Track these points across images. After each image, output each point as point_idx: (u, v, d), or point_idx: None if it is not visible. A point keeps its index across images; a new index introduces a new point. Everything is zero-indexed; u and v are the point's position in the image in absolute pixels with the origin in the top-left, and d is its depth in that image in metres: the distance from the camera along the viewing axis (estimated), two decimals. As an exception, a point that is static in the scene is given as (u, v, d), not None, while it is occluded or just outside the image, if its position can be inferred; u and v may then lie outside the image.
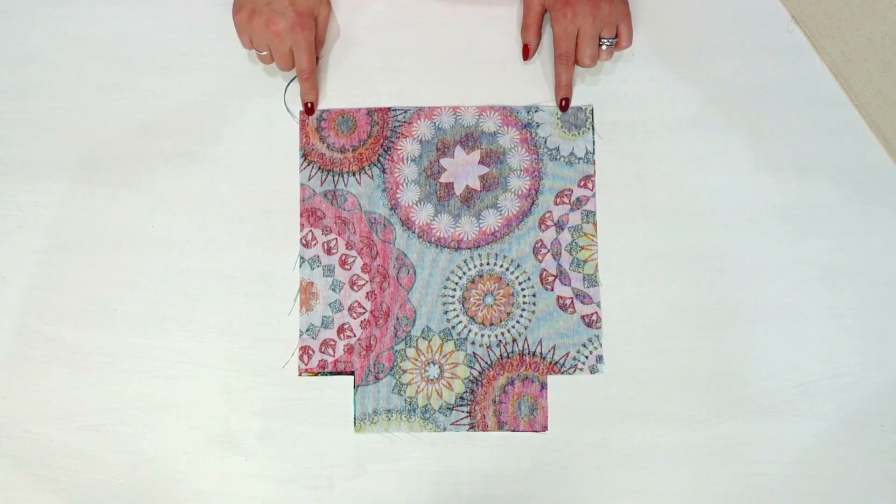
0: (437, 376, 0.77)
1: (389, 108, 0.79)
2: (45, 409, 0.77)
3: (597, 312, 0.77)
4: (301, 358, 0.77)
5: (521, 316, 0.77)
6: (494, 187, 0.78)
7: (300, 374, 0.77)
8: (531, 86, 0.79)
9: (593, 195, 0.78)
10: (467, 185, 0.78)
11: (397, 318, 0.77)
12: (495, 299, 0.77)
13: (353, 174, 0.79)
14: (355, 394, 0.77)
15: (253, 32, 0.75)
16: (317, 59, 0.78)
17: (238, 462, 0.76)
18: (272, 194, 0.78)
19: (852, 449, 0.75)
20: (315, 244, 0.78)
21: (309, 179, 0.78)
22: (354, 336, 0.77)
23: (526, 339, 0.77)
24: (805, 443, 0.75)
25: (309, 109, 0.78)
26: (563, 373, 0.77)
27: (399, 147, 0.79)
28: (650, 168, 0.78)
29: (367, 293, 0.78)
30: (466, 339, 0.77)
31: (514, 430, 0.76)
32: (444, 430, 0.76)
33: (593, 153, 0.78)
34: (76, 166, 0.79)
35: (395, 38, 0.80)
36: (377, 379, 0.77)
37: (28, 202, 0.78)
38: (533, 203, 0.78)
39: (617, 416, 0.76)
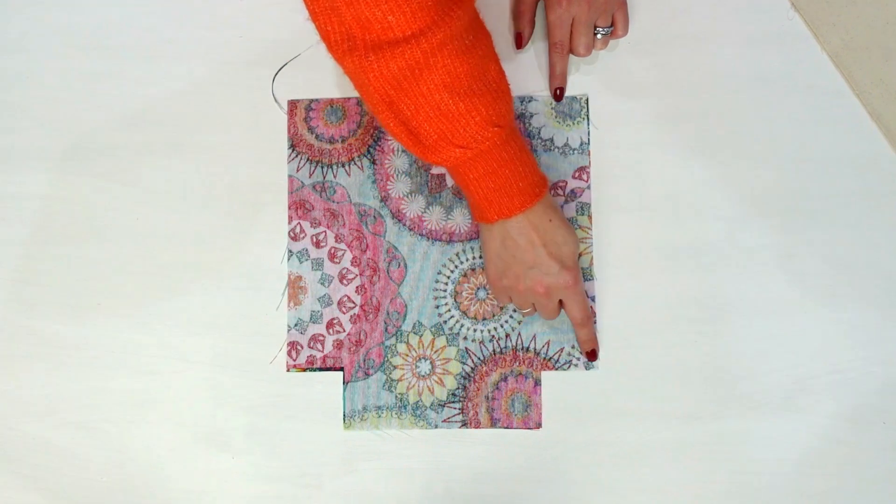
0: (428, 372, 0.76)
1: (380, 98, 0.78)
2: (27, 405, 0.76)
3: (592, 307, 0.76)
4: (289, 353, 0.76)
5: (515, 311, 0.76)
6: (487, 178, 0.77)
7: (288, 370, 0.76)
8: (524, 75, 0.78)
9: (588, 187, 0.77)
10: (459, 177, 0.77)
11: (388, 313, 0.76)
12: (488, 293, 0.76)
13: (343, 165, 0.77)
14: (344, 390, 0.76)
15: (517, 295, 0.72)
16: None
17: (225, 460, 0.75)
18: (260, 186, 0.77)
19: (854, 446, 0.75)
20: (303, 237, 0.77)
21: (297, 171, 0.77)
22: (344, 331, 0.76)
23: (520, 334, 0.76)
24: (805, 440, 0.75)
25: (591, 355, 0.75)
26: (557, 369, 0.75)
27: (389, 138, 0.77)
28: (646, 159, 0.77)
29: (357, 287, 0.76)
30: (458, 334, 0.76)
31: (507, 428, 0.75)
32: (436, 427, 0.75)
33: (588, 144, 0.77)
34: (59, 157, 0.78)
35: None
36: (367, 375, 0.76)
37: (9, 193, 0.78)
38: (526, 195, 0.77)
39: (612, 413, 0.75)
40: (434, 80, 0.62)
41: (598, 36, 0.76)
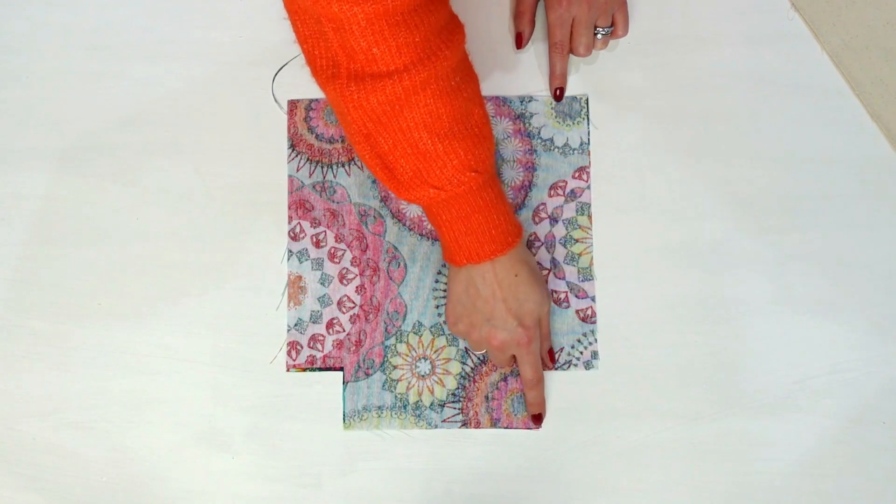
0: (428, 372, 0.76)
1: (380, 98, 0.78)
2: (27, 405, 0.76)
3: (592, 307, 0.76)
4: (289, 353, 0.76)
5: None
6: (487, 178, 0.77)
7: (288, 370, 0.76)
8: (525, 75, 0.78)
9: (588, 187, 0.77)
10: (459, 177, 0.77)
11: (388, 313, 0.76)
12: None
13: (343, 165, 0.77)
14: (344, 390, 0.75)
15: (471, 341, 0.72)
16: None
17: (225, 460, 0.75)
18: (259, 186, 0.77)
19: (854, 446, 0.74)
20: (303, 237, 0.77)
21: (297, 171, 0.77)
22: (344, 331, 0.76)
23: (519, 334, 0.76)
24: (805, 440, 0.74)
25: (537, 419, 0.74)
26: (557, 369, 0.75)
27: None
28: (646, 159, 0.77)
29: (357, 287, 0.76)
30: (458, 333, 0.76)
31: (507, 428, 0.75)
32: (436, 427, 0.75)
33: (588, 144, 0.77)
34: (59, 157, 0.77)
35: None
36: (367, 375, 0.76)
37: (9, 193, 0.77)
38: (526, 195, 0.77)
39: (612, 413, 0.75)
40: (414, 117, 0.62)
41: (598, 36, 0.75)
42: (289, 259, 0.77)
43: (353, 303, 0.76)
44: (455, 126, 0.63)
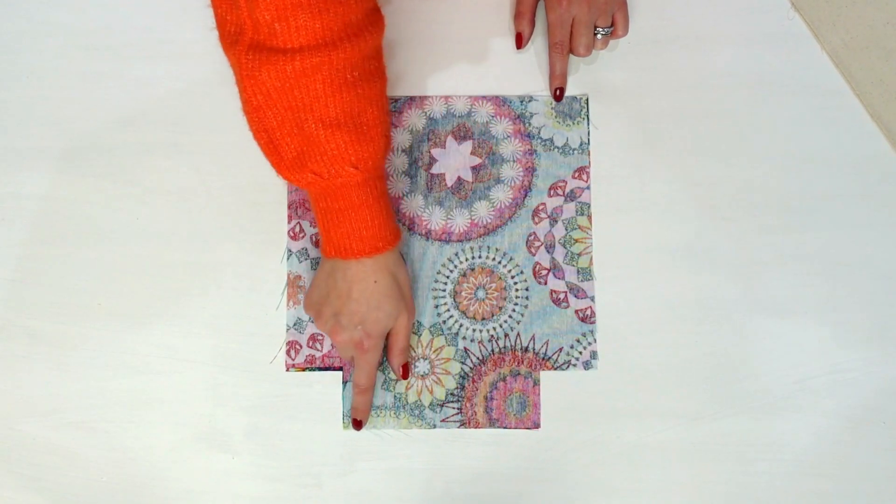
0: (427, 372, 0.76)
1: (379, 98, 0.78)
2: (27, 405, 0.76)
3: (591, 307, 0.76)
4: (288, 353, 0.76)
5: (514, 310, 0.76)
6: (487, 178, 0.77)
7: (287, 370, 0.76)
8: (525, 75, 0.78)
9: (588, 187, 0.77)
10: (459, 177, 0.77)
11: (387, 313, 0.76)
12: (487, 293, 0.76)
13: (343, 165, 0.77)
14: (344, 390, 0.75)
15: (318, 328, 0.72)
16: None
17: (224, 460, 0.75)
18: (259, 186, 0.77)
19: (854, 446, 0.74)
20: (303, 236, 0.77)
21: (297, 171, 0.77)
22: (343, 331, 0.76)
23: (518, 334, 0.76)
24: (805, 440, 0.74)
25: (356, 424, 0.74)
26: (556, 368, 0.75)
27: (389, 137, 0.77)
28: (646, 159, 0.77)
29: (357, 287, 0.76)
30: (458, 333, 0.76)
31: (505, 428, 0.75)
32: (435, 427, 0.75)
33: (588, 144, 0.77)
34: (59, 157, 0.77)
35: (385, 25, 0.78)
36: (366, 375, 0.76)
37: (9, 193, 0.77)
38: (526, 195, 0.77)
39: (611, 413, 0.75)
40: (303, 99, 0.62)
41: (598, 36, 0.75)
42: (288, 258, 0.77)
43: (353, 303, 0.76)
44: (343, 119, 0.64)
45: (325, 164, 0.65)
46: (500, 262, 0.76)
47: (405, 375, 0.74)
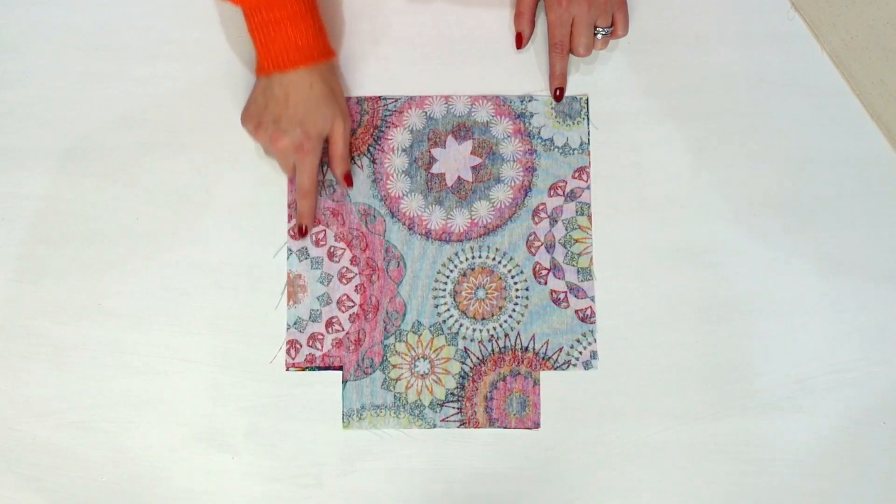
0: (427, 371, 0.76)
1: (380, 97, 0.78)
2: (28, 405, 0.76)
3: (591, 307, 0.76)
4: (288, 352, 0.76)
5: (514, 310, 0.76)
6: (487, 178, 0.77)
7: (287, 369, 0.76)
8: (525, 75, 0.78)
9: (588, 187, 0.77)
10: (459, 176, 0.77)
11: (387, 312, 0.76)
12: (487, 293, 0.76)
13: (342, 165, 0.77)
14: (344, 389, 0.75)
15: (258, 142, 0.75)
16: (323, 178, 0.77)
17: (224, 459, 0.75)
18: (259, 186, 0.77)
19: (854, 446, 0.74)
20: (303, 237, 0.77)
21: (297, 170, 0.77)
22: (343, 330, 0.76)
23: (518, 334, 0.76)
24: (806, 440, 0.74)
25: (302, 231, 0.76)
26: (556, 368, 0.75)
27: (389, 137, 0.77)
28: (646, 159, 0.77)
29: (356, 286, 0.76)
30: (458, 333, 0.76)
31: (505, 427, 0.75)
32: (434, 426, 0.75)
33: (588, 144, 0.77)
34: (59, 157, 0.77)
35: (385, 24, 0.78)
36: (366, 374, 0.76)
37: (9, 194, 0.77)
38: (526, 195, 0.77)
39: (611, 413, 0.75)
40: None
41: (598, 36, 0.75)
42: (288, 258, 0.77)
43: (353, 302, 0.76)
44: None
45: None
46: (500, 262, 0.76)
47: (349, 183, 0.76)
